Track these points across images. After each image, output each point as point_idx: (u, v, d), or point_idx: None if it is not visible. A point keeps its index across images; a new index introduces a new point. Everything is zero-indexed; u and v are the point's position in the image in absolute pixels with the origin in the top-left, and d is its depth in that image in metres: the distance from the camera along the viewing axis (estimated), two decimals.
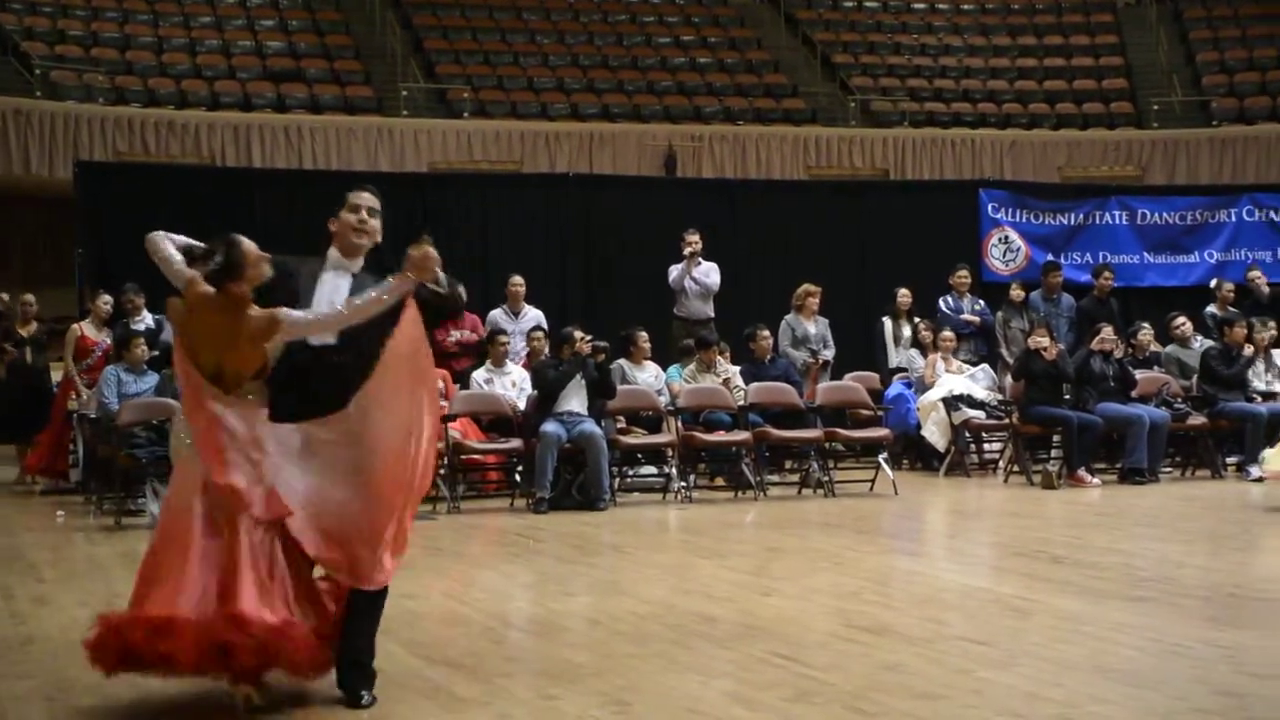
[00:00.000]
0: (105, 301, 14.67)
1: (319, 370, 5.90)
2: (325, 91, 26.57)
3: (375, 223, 6.16)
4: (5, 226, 25.07)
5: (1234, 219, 19.08)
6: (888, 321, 16.55)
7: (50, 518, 12.91)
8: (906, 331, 16.44)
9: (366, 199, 6.19)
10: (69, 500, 13.84)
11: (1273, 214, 19.14)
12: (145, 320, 14.27)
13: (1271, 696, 6.06)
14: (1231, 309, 16.37)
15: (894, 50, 30.41)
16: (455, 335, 14.82)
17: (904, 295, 16.53)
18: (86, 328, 14.78)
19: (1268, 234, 18.89)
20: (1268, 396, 15.16)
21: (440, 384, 13.84)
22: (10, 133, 23.72)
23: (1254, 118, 28.40)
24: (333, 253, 6.11)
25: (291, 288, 5.97)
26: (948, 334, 15.97)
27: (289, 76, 26.76)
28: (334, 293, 5.99)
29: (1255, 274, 17.17)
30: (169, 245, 5.87)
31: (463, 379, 14.10)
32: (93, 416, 13.63)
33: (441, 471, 13.31)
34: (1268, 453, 12.34)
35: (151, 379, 13.29)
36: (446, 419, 13.23)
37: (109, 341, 14.28)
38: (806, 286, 15.77)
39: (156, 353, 13.65)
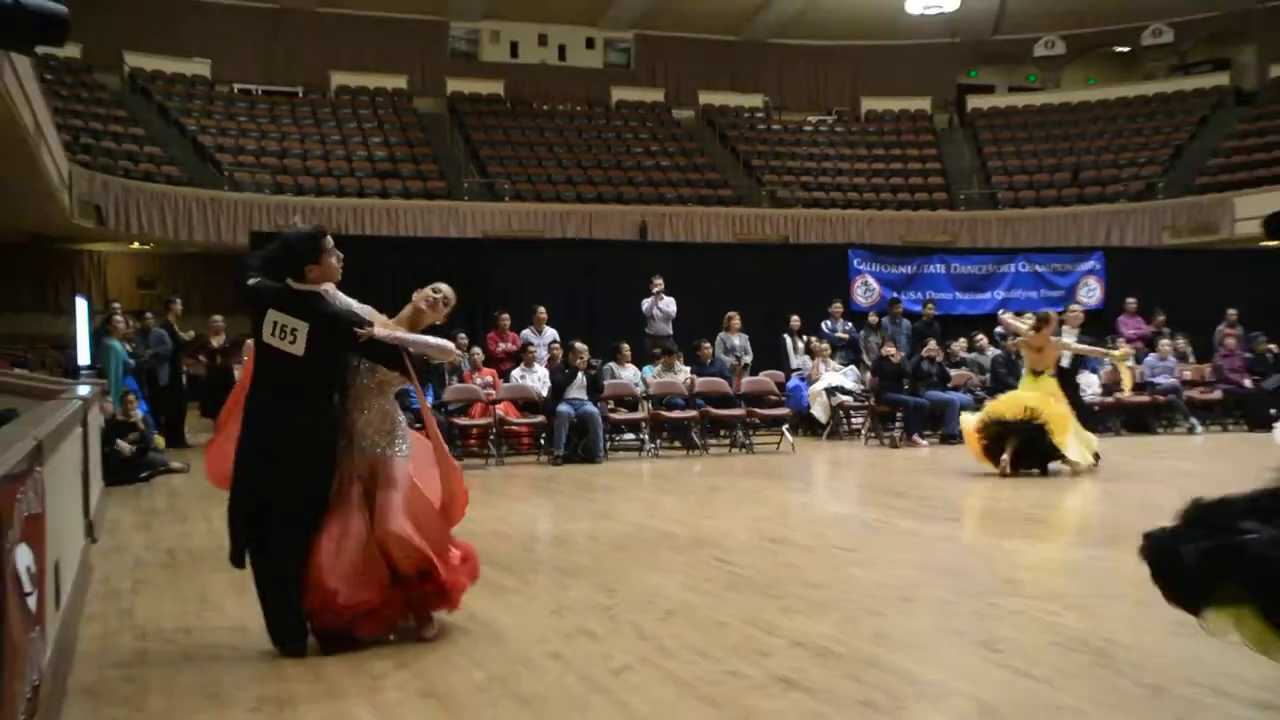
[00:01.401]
0: None
1: None
2: (414, 184, 26.49)
3: None
4: (207, 276, 25.07)
5: (1012, 270, 19.17)
6: (788, 337, 16.55)
7: None
8: (800, 344, 16.47)
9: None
10: None
11: (1037, 267, 19.29)
12: None
13: (1035, 581, 6.15)
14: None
15: (791, 157, 30.42)
16: (502, 347, 14.83)
17: (796, 320, 16.58)
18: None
19: (1034, 280, 19.04)
20: None
21: (490, 378, 13.94)
22: (209, 213, 23.81)
23: (1025, 204, 28.48)
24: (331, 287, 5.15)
25: None
26: (825, 345, 16.02)
27: (390, 174, 26.69)
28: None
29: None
30: (403, 333, 5.15)
31: (506, 375, 14.10)
32: None
33: (491, 436, 13.43)
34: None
35: None
36: (494, 402, 13.36)
37: None
38: (731, 313, 15.81)
39: None
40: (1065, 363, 12.23)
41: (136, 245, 25.45)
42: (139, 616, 5.68)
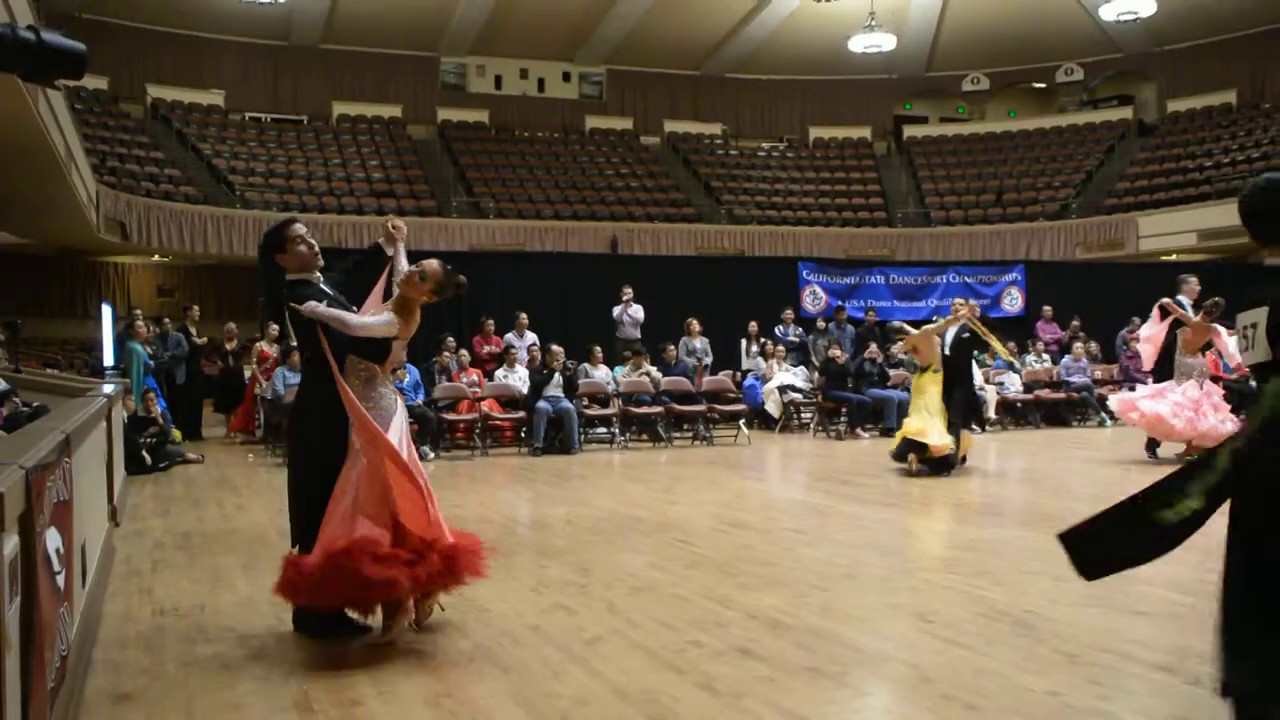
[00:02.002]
0: (274, 329, 14.55)
1: None
2: (407, 203, 26.38)
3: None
4: (219, 286, 24.99)
5: (944, 281, 19.28)
6: (744, 340, 16.60)
7: (244, 458, 12.82)
8: (755, 347, 16.48)
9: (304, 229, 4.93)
10: (255, 448, 13.74)
11: (966, 278, 19.39)
12: None
13: (964, 559, 6.15)
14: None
15: (747, 179, 30.47)
16: (487, 349, 14.77)
17: (753, 325, 16.60)
18: (264, 345, 14.66)
19: (963, 290, 19.05)
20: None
21: (476, 377, 13.88)
22: (222, 230, 23.69)
23: (955, 222, 28.66)
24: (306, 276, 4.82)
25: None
26: (780, 349, 16.05)
27: (386, 194, 26.59)
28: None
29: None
30: (325, 308, 4.57)
31: (490, 375, 14.05)
32: (269, 398, 13.55)
33: (477, 430, 13.37)
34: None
35: None
36: (480, 399, 13.31)
37: (277, 353, 14.16)
38: (691, 319, 15.81)
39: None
40: (948, 351, 11.10)
41: (156, 258, 25.35)
42: (158, 594, 5.62)
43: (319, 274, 4.91)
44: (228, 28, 28.25)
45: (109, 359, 15.32)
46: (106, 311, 17.37)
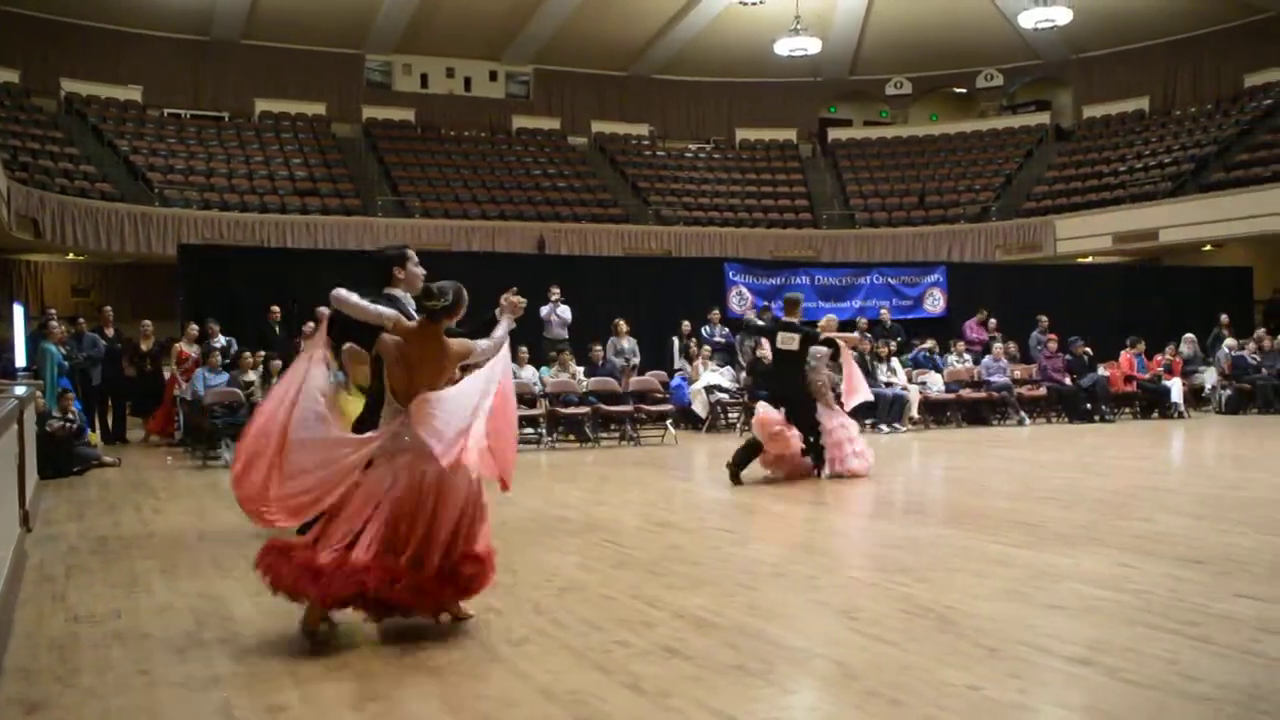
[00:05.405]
0: (194, 329, 14.25)
1: None
2: (331, 202, 26.04)
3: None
4: (136, 284, 24.40)
5: (868, 282, 19.53)
6: (677, 340, 16.63)
7: (163, 461, 12.54)
8: (686, 346, 16.56)
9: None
10: (174, 451, 13.44)
11: (890, 280, 19.67)
12: (219, 341, 13.90)
13: (888, 556, 6.21)
14: (866, 334, 16.70)
15: (674, 180, 30.57)
16: None
17: (686, 324, 16.63)
18: (184, 345, 14.36)
19: (886, 291, 19.38)
20: (889, 385, 15.53)
21: None
22: (139, 227, 23.20)
23: (879, 224, 29.04)
24: (401, 292, 5.56)
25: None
26: (706, 349, 16.10)
27: (310, 192, 26.21)
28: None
29: (884, 313, 17.75)
30: (355, 296, 4.90)
31: None
32: (188, 399, 13.28)
33: None
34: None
35: (224, 376, 12.96)
36: None
37: (197, 353, 13.87)
38: (619, 319, 15.82)
39: (227, 360, 13.34)
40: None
41: (71, 256, 24.70)
42: (72, 600, 5.47)
43: (411, 300, 5.36)
44: (146, 21, 27.66)
45: (21, 360, 14.87)
46: (19, 311, 16.87)
